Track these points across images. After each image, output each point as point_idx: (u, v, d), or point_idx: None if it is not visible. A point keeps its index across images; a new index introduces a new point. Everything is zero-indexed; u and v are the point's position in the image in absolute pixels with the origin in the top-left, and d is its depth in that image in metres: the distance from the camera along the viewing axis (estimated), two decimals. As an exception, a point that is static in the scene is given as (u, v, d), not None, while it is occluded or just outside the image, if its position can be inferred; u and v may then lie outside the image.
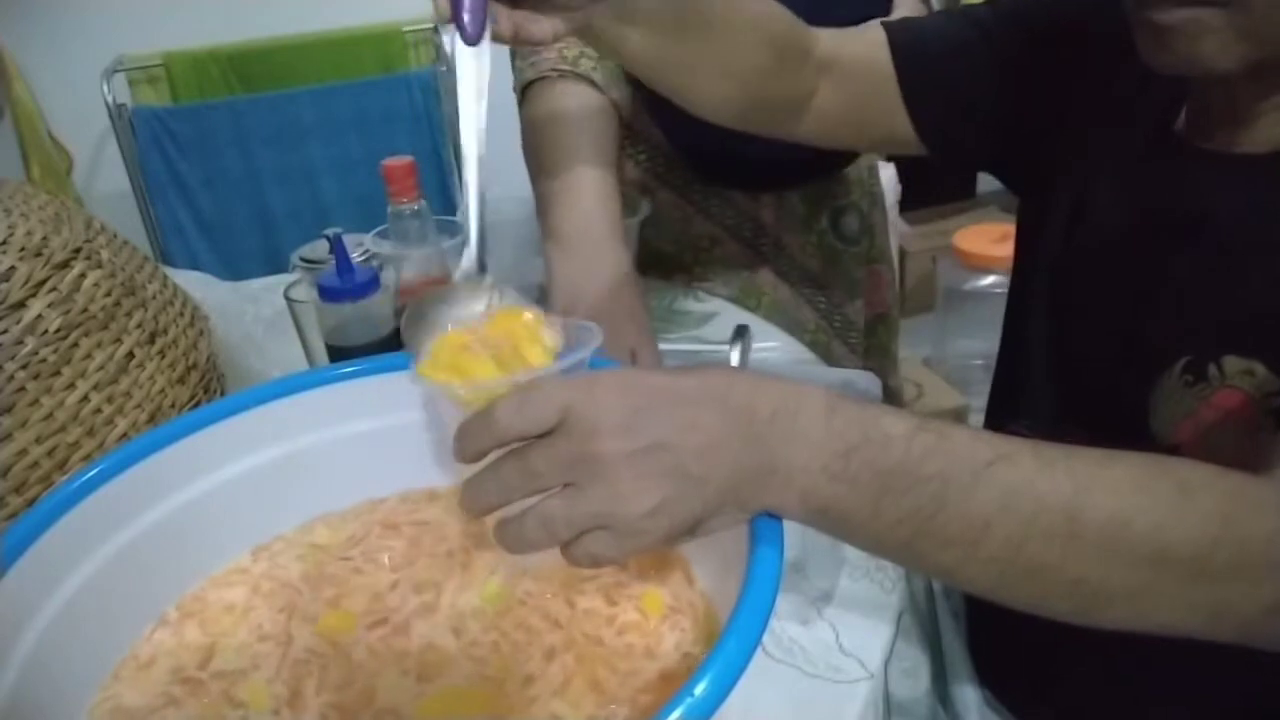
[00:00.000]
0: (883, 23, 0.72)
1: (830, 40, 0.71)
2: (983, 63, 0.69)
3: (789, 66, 0.69)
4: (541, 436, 0.42)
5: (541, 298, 0.99)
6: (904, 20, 0.73)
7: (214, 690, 0.49)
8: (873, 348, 1.22)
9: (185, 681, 0.50)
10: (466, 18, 0.51)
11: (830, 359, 1.14)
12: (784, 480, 0.41)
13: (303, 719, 0.48)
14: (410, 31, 2.09)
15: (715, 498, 0.41)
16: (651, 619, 0.51)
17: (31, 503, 0.60)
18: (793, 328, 1.17)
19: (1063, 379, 0.64)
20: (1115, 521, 0.40)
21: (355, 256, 0.90)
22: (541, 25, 0.55)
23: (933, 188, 2.61)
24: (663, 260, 1.13)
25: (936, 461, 0.40)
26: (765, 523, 0.43)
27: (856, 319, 1.19)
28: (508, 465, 0.42)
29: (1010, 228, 0.74)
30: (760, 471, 0.41)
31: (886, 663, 0.59)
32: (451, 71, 2.23)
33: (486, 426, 0.42)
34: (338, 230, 0.80)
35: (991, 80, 0.69)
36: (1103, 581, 0.42)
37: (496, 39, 0.53)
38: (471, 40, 0.51)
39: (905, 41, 0.71)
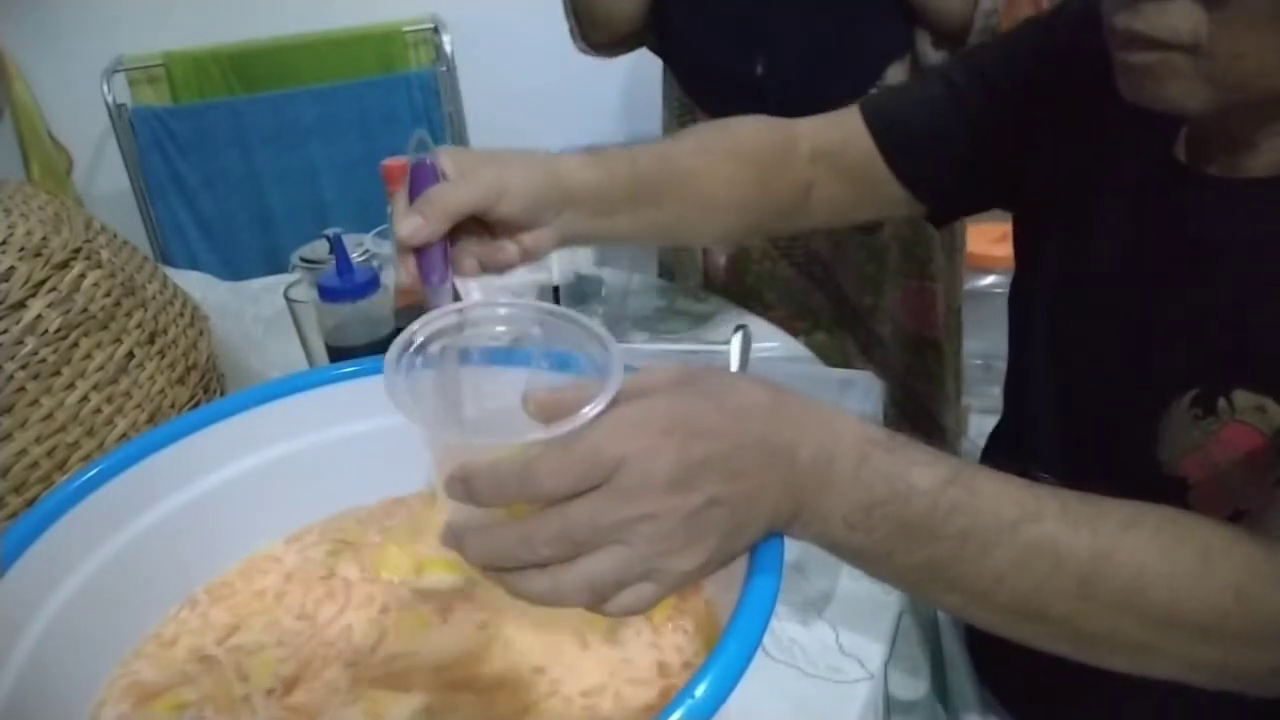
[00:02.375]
0: (859, 101, 0.74)
1: (814, 131, 0.74)
2: (959, 114, 0.71)
3: (779, 176, 0.72)
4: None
5: (543, 295, 0.99)
6: (877, 95, 0.75)
7: (227, 663, 0.50)
8: (916, 369, 1.20)
9: (202, 659, 0.51)
10: (429, 270, 0.54)
11: (843, 355, 1.14)
12: (804, 522, 0.41)
13: (289, 701, 0.49)
14: (410, 31, 2.09)
15: (751, 540, 0.41)
16: (655, 617, 0.51)
17: (31, 503, 0.60)
18: (801, 313, 1.16)
19: (1067, 405, 0.64)
20: (1131, 586, 0.41)
21: (355, 256, 0.90)
22: (508, 252, 0.58)
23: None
24: None
25: (961, 519, 0.40)
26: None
27: (868, 318, 1.18)
28: (544, 533, 0.37)
29: (1010, 228, 0.74)
30: (789, 515, 0.41)
31: (886, 663, 0.59)
32: (451, 71, 2.22)
33: (524, 485, 0.37)
34: (338, 230, 0.80)
35: (970, 129, 0.70)
36: (1109, 636, 0.42)
37: (464, 277, 0.57)
38: (437, 286, 0.54)
39: (880, 115, 0.73)
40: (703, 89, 1.13)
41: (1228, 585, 0.41)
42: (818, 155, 0.73)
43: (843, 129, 0.73)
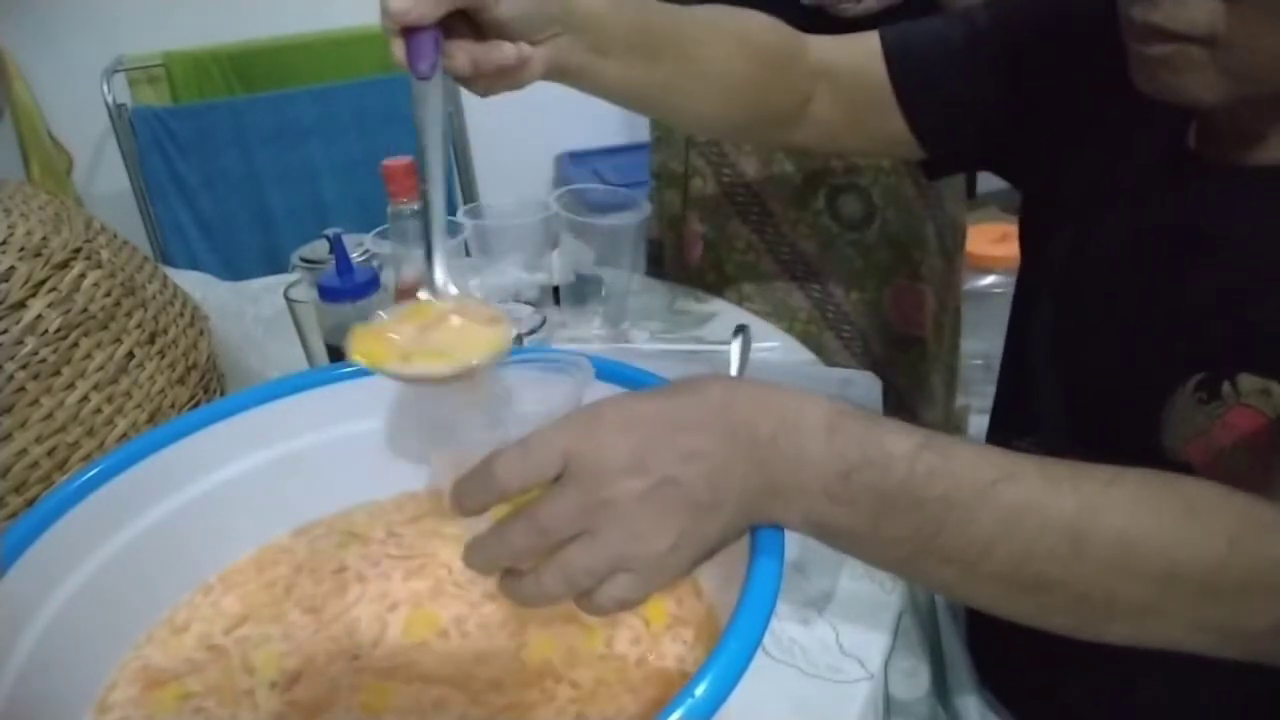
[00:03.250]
0: (880, 29, 0.72)
1: (824, 47, 0.72)
2: (976, 65, 0.69)
3: (780, 77, 0.70)
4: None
5: (543, 295, 0.99)
6: (898, 26, 0.73)
7: (234, 654, 0.51)
8: (901, 366, 1.20)
9: (210, 648, 0.52)
10: (418, 57, 0.51)
11: (821, 353, 1.14)
12: (785, 501, 0.41)
13: (292, 695, 0.49)
14: (410, 31, 2.09)
15: (729, 522, 0.41)
16: (654, 625, 0.51)
17: (31, 503, 0.60)
18: (780, 311, 1.17)
19: (1070, 393, 0.64)
20: (1121, 541, 0.40)
21: (355, 256, 0.90)
22: (504, 51, 0.55)
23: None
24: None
25: (939, 483, 0.40)
26: (766, 526, 0.42)
27: (852, 313, 1.18)
28: (515, 528, 0.40)
29: (1010, 228, 0.74)
30: (765, 492, 0.41)
31: (886, 663, 0.59)
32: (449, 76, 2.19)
33: (486, 482, 0.40)
34: (338, 230, 0.81)
35: (985, 82, 0.69)
36: (1107, 599, 0.42)
37: (454, 74, 0.55)
38: (424, 76, 0.52)
39: (898, 46, 0.71)
40: None
41: (1219, 534, 0.41)
42: (823, 71, 0.72)
43: (857, 51, 0.72)
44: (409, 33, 0.51)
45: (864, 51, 0.72)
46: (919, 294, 1.16)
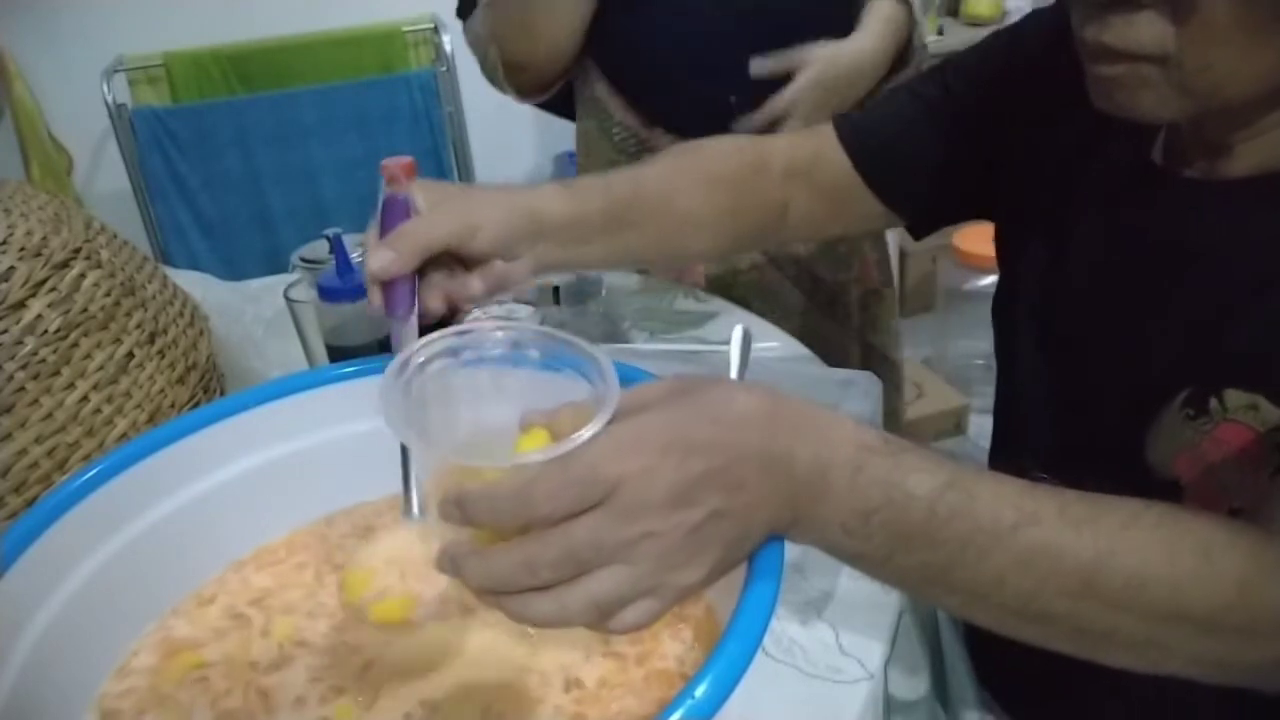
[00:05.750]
0: (833, 118, 0.75)
1: (787, 148, 0.75)
2: (930, 130, 0.71)
3: (752, 197, 0.73)
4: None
5: (542, 295, 0.99)
6: (850, 115, 0.76)
7: (256, 622, 0.52)
8: (867, 321, 1.24)
9: (235, 617, 0.53)
10: (395, 304, 0.53)
11: (820, 338, 1.15)
12: (802, 528, 0.41)
13: (301, 660, 0.50)
14: (410, 31, 2.09)
15: (753, 547, 0.41)
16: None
17: (31, 503, 0.60)
18: (777, 313, 1.17)
19: (1058, 411, 0.64)
20: (1132, 584, 0.41)
21: (355, 256, 0.90)
22: (473, 288, 0.57)
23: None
24: None
25: (958, 525, 0.40)
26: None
27: (841, 293, 1.21)
28: (545, 555, 0.36)
29: (1006, 228, 0.74)
30: (788, 521, 0.41)
31: (886, 663, 0.59)
32: (451, 71, 2.21)
33: (521, 508, 0.37)
34: (338, 230, 0.80)
35: (945, 144, 0.71)
36: (1110, 634, 0.42)
37: (431, 317, 0.55)
38: (403, 319, 0.53)
39: (854, 134, 0.74)
40: (667, 111, 1.11)
41: (1230, 578, 0.41)
42: (792, 174, 0.74)
43: (816, 146, 0.74)
44: (387, 283, 0.53)
45: (826, 145, 0.74)
46: (864, 256, 1.21)
